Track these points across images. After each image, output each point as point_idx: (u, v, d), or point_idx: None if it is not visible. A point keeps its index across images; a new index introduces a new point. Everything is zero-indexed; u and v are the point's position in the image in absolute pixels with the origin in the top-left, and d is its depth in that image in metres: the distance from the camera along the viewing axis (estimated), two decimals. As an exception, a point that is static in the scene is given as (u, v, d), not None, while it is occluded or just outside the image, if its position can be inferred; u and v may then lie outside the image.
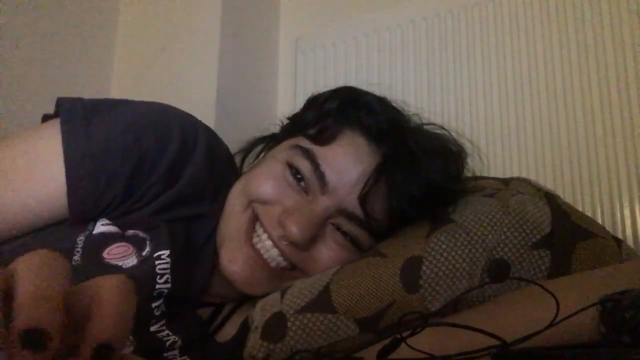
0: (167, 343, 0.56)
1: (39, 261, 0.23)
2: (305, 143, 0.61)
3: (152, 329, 0.56)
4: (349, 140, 0.60)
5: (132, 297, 0.24)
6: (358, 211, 0.58)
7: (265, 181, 0.60)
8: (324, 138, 0.60)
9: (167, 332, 0.57)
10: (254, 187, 0.61)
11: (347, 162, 0.59)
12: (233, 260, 0.59)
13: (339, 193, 0.58)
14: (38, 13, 1.11)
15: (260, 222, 0.59)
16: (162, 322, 0.57)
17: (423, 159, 0.59)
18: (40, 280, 0.22)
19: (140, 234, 0.57)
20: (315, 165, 0.59)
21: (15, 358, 0.20)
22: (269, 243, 0.59)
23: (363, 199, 0.58)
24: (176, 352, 0.57)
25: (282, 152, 0.62)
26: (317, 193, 0.59)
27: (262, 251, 0.59)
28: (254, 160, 0.71)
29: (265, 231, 0.59)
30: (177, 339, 0.57)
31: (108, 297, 0.24)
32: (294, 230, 0.56)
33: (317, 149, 0.60)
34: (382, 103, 0.65)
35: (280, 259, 0.59)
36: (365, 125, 0.61)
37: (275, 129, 0.71)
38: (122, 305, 0.24)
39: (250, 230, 0.60)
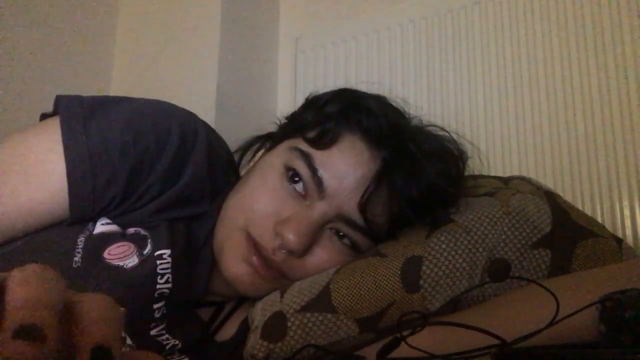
0: (167, 347, 0.56)
1: (31, 275, 0.23)
2: (303, 146, 0.60)
3: (152, 332, 0.56)
4: (349, 144, 0.60)
5: (114, 307, 0.25)
6: (357, 217, 0.58)
7: (262, 196, 0.59)
8: (323, 142, 0.59)
9: (166, 336, 0.57)
10: (250, 203, 0.60)
11: (346, 167, 0.58)
12: (234, 263, 0.59)
13: (338, 198, 0.58)
14: (38, 13, 1.11)
15: (254, 242, 0.58)
16: (162, 326, 0.56)
17: (424, 162, 0.59)
18: (33, 290, 0.22)
19: (142, 231, 0.57)
20: (314, 170, 0.58)
21: (7, 349, 0.20)
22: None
23: (363, 206, 0.57)
24: (175, 354, 0.57)
25: (280, 155, 0.62)
26: (315, 198, 0.58)
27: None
28: (251, 158, 0.70)
29: (259, 248, 0.58)
30: (177, 342, 0.57)
31: (89, 307, 0.24)
32: (291, 237, 0.56)
33: (316, 153, 0.59)
34: (383, 105, 0.64)
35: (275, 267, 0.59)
36: (366, 129, 0.60)
37: (274, 128, 0.70)
38: (106, 312, 0.24)
39: (249, 243, 0.59)
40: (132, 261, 0.55)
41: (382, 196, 0.58)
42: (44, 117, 0.59)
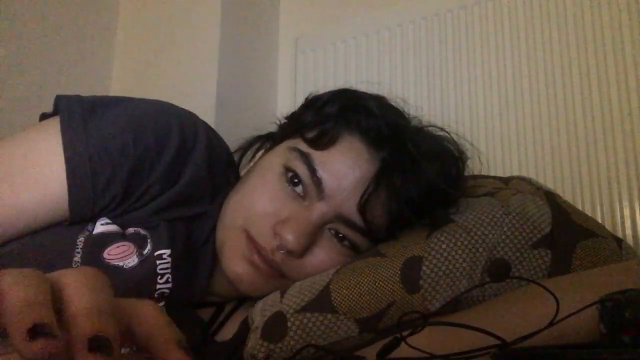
0: None
1: (89, 277, 0.26)
2: (303, 146, 0.60)
3: None
4: (348, 145, 0.60)
5: (165, 314, 0.28)
6: (356, 217, 0.58)
7: (261, 196, 0.59)
8: (322, 142, 0.59)
9: None
10: (250, 203, 0.60)
11: (345, 168, 0.58)
12: (235, 262, 0.59)
13: (337, 199, 0.58)
14: (38, 13, 1.11)
15: (253, 241, 0.58)
16: None
17: (423, 162, 0.59)
18: (95, 294, 0.25)
19: (142, 231, 0.57)
20: (312, 171, 0.58)
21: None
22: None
23: (362, 206, 0.57)
24: None
25: (280, 155, 0.62)
26: (314, 199, 0.58)
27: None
28: (251, 159, 0.70)
29: (258, 247, 0.58)
30: None
31: (152, 313, 0.27)
32: (290, 238, 0.56)
33: (315, 154, 0.59)
34: (382, 106, 0.64)
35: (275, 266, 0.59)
36: (365, 130, 0.60)
37: (274, 128, 0.70)
38: (164, 318, 0.27)
39: (249, 242, 0.59)
40: (131, 261, 0.55)
41: (381, 197, 0.58)
42: (44, 117, 0.59)
